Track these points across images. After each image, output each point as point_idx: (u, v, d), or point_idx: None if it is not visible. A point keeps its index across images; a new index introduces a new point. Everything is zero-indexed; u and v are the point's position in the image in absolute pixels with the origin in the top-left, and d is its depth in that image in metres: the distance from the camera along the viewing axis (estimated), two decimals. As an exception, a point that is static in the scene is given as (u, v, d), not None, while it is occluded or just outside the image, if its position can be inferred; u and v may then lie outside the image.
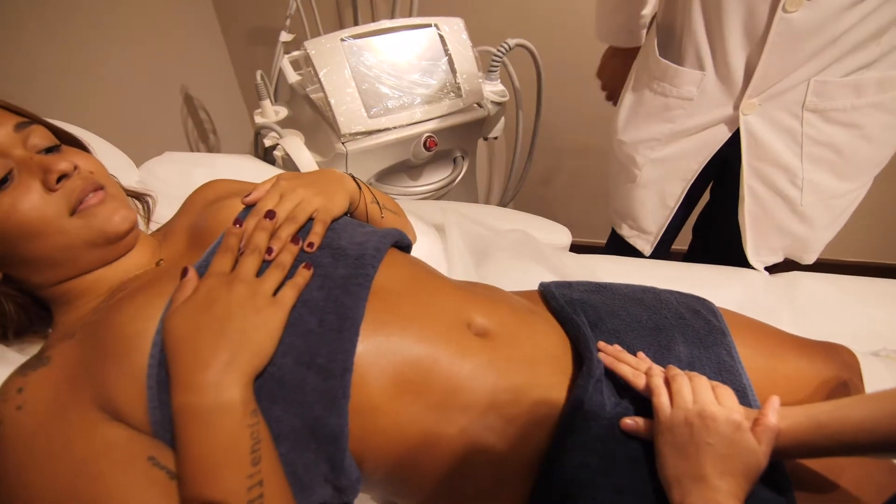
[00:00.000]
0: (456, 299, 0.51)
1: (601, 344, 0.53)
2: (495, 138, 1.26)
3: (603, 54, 1.01)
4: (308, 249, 0.48)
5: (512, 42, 1.11)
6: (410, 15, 1.15)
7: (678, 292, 0.62)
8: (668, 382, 0.47)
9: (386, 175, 1.08)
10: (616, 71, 0.98)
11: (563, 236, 0.94)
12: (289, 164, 0.99)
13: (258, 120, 1.06)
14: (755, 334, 0.60)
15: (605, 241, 1.11)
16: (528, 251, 0.84)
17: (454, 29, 1.02)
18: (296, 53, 1.18)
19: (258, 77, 1.04)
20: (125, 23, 1.14)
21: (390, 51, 0.97)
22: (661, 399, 0.45)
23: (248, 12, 1.47)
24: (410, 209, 0.78)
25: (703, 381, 0.45)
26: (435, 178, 1.13)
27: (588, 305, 0.58)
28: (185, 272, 0.43)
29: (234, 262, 0.44)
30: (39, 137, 0.47)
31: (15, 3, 0.88)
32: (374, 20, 1.16)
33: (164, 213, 0.63)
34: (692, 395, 0.44)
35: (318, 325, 0.42)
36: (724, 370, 0.53)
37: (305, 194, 0.51)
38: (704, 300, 0.62)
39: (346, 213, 0.56)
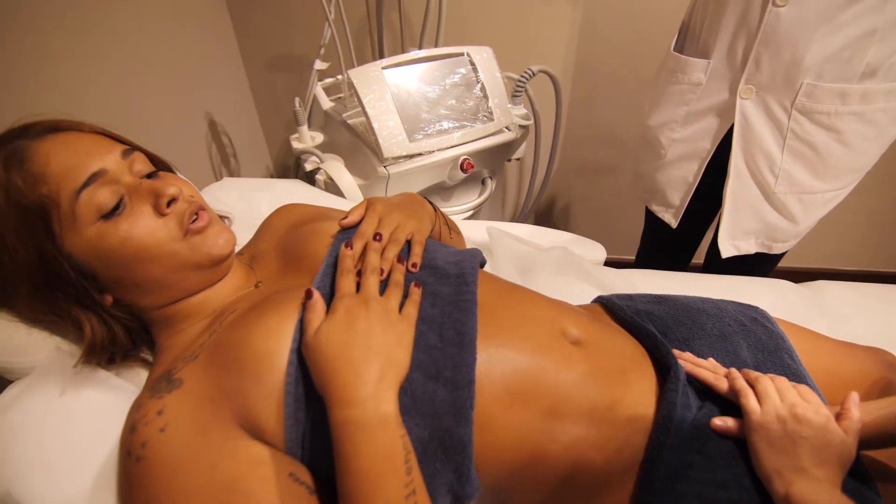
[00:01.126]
0: (546, 309, 0.54)
1: (675, 351, 0.56)
2: (518, 159, 1.31)
3: None
4: (412, 269, 0.50)
5: (535, 68, 1.17)
6: (436, 45, 1.20)
7: (732, 301, 0.66)
8: (750, 384, 0.50)
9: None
10: None
11: (599, 252, 0.98)
12: (331, 187, 1.01)
13: (296, 145, 1.09)
14: (806, 340, 0.64)
15: (621, 255, 1.15)
16: (572, 267, 0.87)
17: (484, 57, 1.07)
18: (328, 80, 1.22)
19: (296, 104, 1.08)
20: (155, 51, 1.16)
21: (427, 78, 1.02)
22: (750, 400, 0.48)
23: (266, 41, 1.50)
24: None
25: (784, 381, 0.49)
26: (466, 198, 1.17)
27: (654, 316, 0.62)
28: (309, 294, 0.45)
29: (356, 282, 0.46)
30: (142, 164, 0.49)
31: (53, 36, 0.90)
32: (402, 49, 1.21)
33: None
34: (778, 394, 0.48)
35: (439, 340, 0.44)
36: (790, 373, 0.57)
37: (401, 218, 0.54)
38: (757, 308, 0.66)
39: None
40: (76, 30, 0.94)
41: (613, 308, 0.64)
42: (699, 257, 1.17)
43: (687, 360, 0.54)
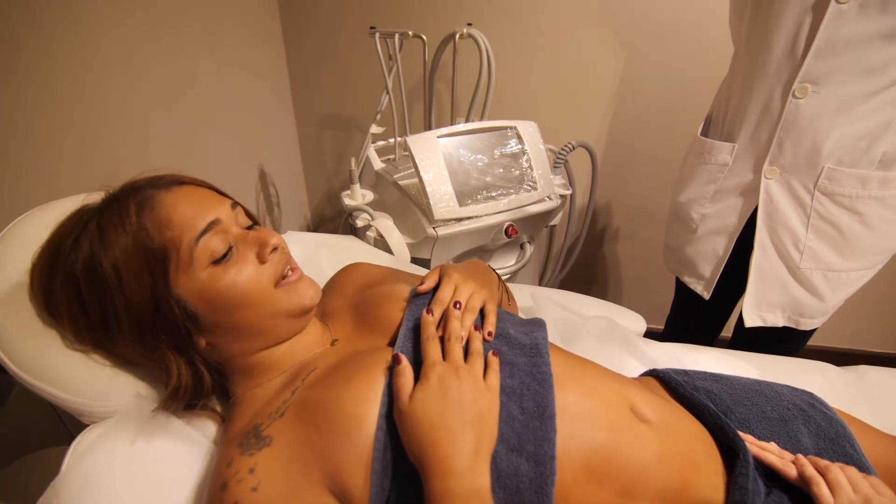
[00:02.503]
0: (613, 383, 0.55)
1: (739, 433, 0.56)
2: (554, 226, 1.35)
3: None
4: (488, 338, 0.52)
5: (575, 143, 1.24)
6: (482, 116, 1.28)
7: (787, 385, 0.67)
8: (819, 472, 0.50)
9: (461, 258, 1.15)
10: None
11: (639, 323, 0.99)
12: (380, 243, 1.06)
13: (348, 202, 1.15)
14: (862, 430, 0.64)
15: (650, 324, 1.16)
16: (616, 337, 0.88)
17: (530, 130, 1.15)
18: (380, 143, 1.30)
19: (352, 164, 1.14)
20: (224, 102, 1.26)
21: (478, 148, 1.08)
22: (823, 489, 0.48)
23: (320, 101, 1.62)
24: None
25: (855, 472, 0.49)
26: (504, 260, 1.21)
27: (713, 394, 0.62)
28: (397, 359, 0.47)
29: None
30: (243, 217, 0.54)
31: (147, 93, 0.99)
32: (451, 118, 1.30)
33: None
34: (850, 485, 0.48)
35: (521, 411, 0.46)
36: (853, 463, 0.56)
37: (474, 286, 0.57)
38: (812, 394, 0.66)
39: None
40: (164, 80, 1.04)
41: (671, 383, 0.65)
42: (727, 330, 1.19)
43: (752, 443, 0.55)
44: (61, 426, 0.75)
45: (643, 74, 1.40)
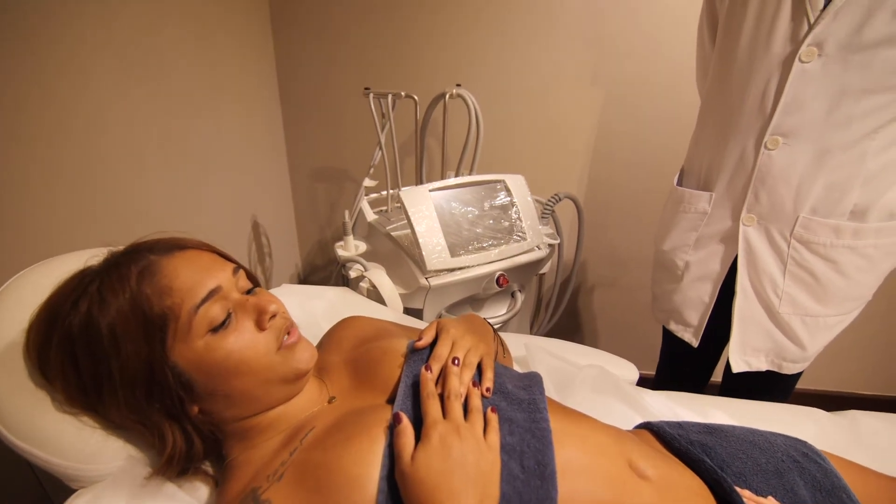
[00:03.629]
0: (610, 437, 0.55)
1: (737, 488, 0.56)
2: (543, 274, 1.38)
3: None
4: (486, 394, 0.53)
5: (562, 194, 1.29)
6: (471, 169, 1.33)
7: (781, 434, 0.67)
8: None
9: (453, 308, 1.16)
10: None
11: (631, 371, 1.00)
12: (373, 294, 1.06)
13: (341, 253, 1.16)
14: (856, 474, 0.64)
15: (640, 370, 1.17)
16: (609, 387, 0.89)
17: (518, 183, 1.19)
18: (373, 196, 1.34)
19: (346, 216, 1.17)
20: (219, 157, 1.29)
21: (468, 200, 1.12)
22: None
23: (314, 154, 1.67)
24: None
25: None
26: (496, 310, 1.22)
27: (708, 448, 0.62)
28: (398, 419, 0.46)
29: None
30: (243, 280, 0.54)
31: (147, 150, 1.02)
32: (442, 171, 1.34)
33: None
34: None
35: (521, 470, 0.45)
36: (850, 515, 0.57)
37: (472, 341, 0.57)
38: (805, 442, 0.67)
39: None
40: (164, 137, 1.07)
41: (666, 437, 0.65)
42: (717, 375, 1.20)
43: (750, 499, 0.55)
44: (39, 489, 0.72)
45: (624, 129, 1.48)
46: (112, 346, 0.44)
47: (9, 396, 0.48)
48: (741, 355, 0.98)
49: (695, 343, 1.06)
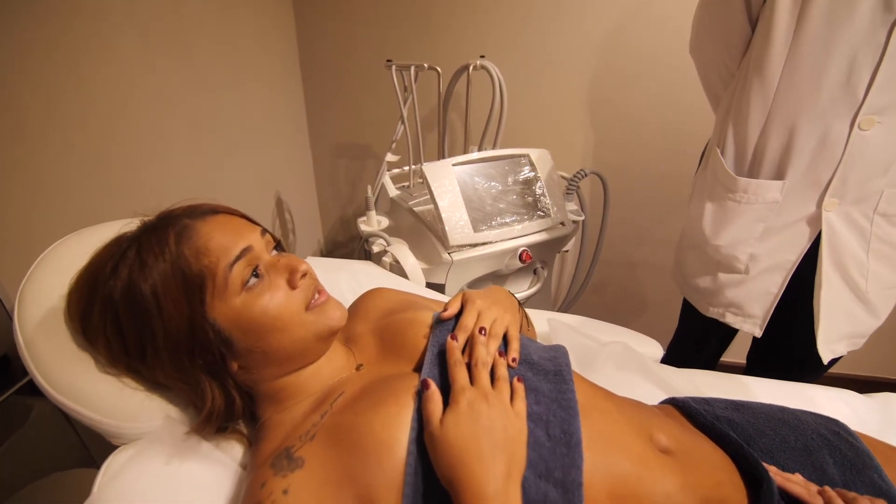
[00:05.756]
0: (634, 413, 0.55)
1: (763, 464, 0.56)
2: (566, 251, 1.36)
3: None
4: (512, 364, 0.53)
5: (587, 170, 1.27)
6: (494, 145, 1.31)
7: (811, 412, 0.66)
8: None
9: (475, 283, 1.15)
10: None
11: (656, 349, 0.99)
12: (395, 269, 1.07)
13: (364, 228, 1.17)
14: (889, 455, 0.63)
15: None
16: (634, 364, 0.88)
17: (544, 158, 1.17)
18: (395, 171, 1.33)
19: (368, 191, 1.17)
20: (245, 135, 1.30)
21: (492, 175, 1.11)
22: None
23: (335, 130, 1.67)
24: (522, 319, 0.84)
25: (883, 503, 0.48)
26: (519, 286, 1.21)
27: (735, 423, 0.62)
28: (426, 385, 0.47)
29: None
30: (272, 243, 0.55)
31: (175, 127, 1.03)
32: (465, 146, 1.33)
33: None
34: None
35: (547, 438, 0.46)
36: (882, 494, 0.55)
37: (498, 312, 0.57)
38: (837, 421, 0.65)
39: None
40: (190, 114, 1.08)
41: (691, 412, 0.64)
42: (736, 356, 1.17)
43: (777, 474, 0.54)
44: (81, 447, 0.76)
45: (653, 103, 1.43)
46: (155, 308, 0.46)
47: (53, 358, 0.51)
48: (828, 345, 0.93)
49: (758, 333, 0.99)
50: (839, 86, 0.75)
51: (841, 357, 0.98)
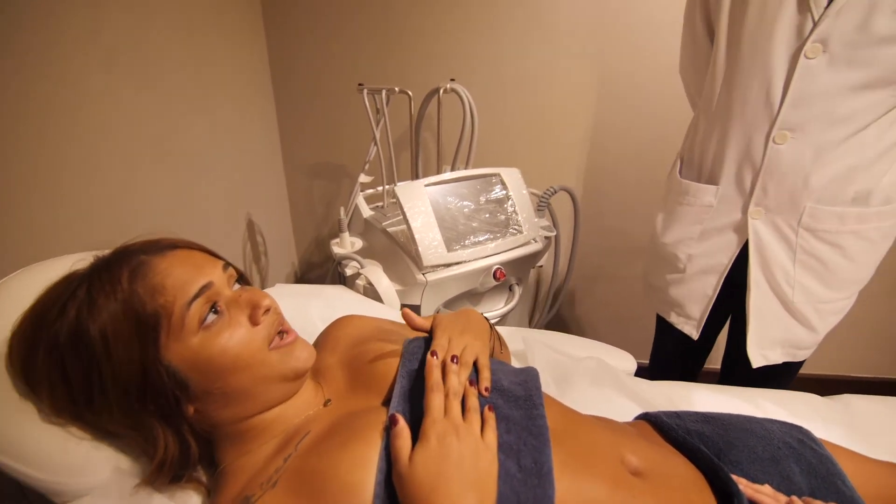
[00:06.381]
0: (606, 435, 0.56)
1: (734, 476, 0.57)
2: (541, 266, 1.38)
3: None
4: (484, 393, 0.53)
5: (557, 187, 1.29)
6: (467, 164, 1.33)
7: (777, 421, 0.68)
8: None
9: (451, 303, 1.16)
10: None
11: (629, 362, 1.01)
12: (369, 291, 1.07)
13: (337, 250, 1.16)
14: (852, 462, 0.65)
15: (638, 359, 1.18)
16: (608, 379, 0.89)
17: (514, 177, 1.19)
18: (369, 191, 1.33)
19: (341, 213, 1.17)
20: (212, 156, 1.28)
21: (464, 195, 1.12)
22: None
23: (309, 150, 1.66)
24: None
25: None
26: (494, 303, 1.22)
27: (705, 437, 0.63)
28: (394, 420, 0.46)
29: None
30: (235, 277, 0.54)
31: (138, 148, 1.01)
32: (438, 166, 1.34)
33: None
34: None
35: (518, 469, 0.45)
36: (846, 500, 0.57)
37: (468, 339, 0.57)
38: (801, 428, 0.67)
39: None
40: (155, 135, 1.06)
41: (663, 427, 0.65)
42: (713, 363, 1.21)
43: (747, 487, 0.55)
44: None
45: (619, 120, 1.47)
46: (104, 351, 0.44)
47: (-8, 410, 0.46)
48: (759, 349, 0.98)
49: (695, 335, 1.06)
50: (760, 102, 0.83)
51: (800, 363, 1.03)
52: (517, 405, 0.52)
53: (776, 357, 0.99)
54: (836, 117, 0.79)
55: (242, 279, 0.56)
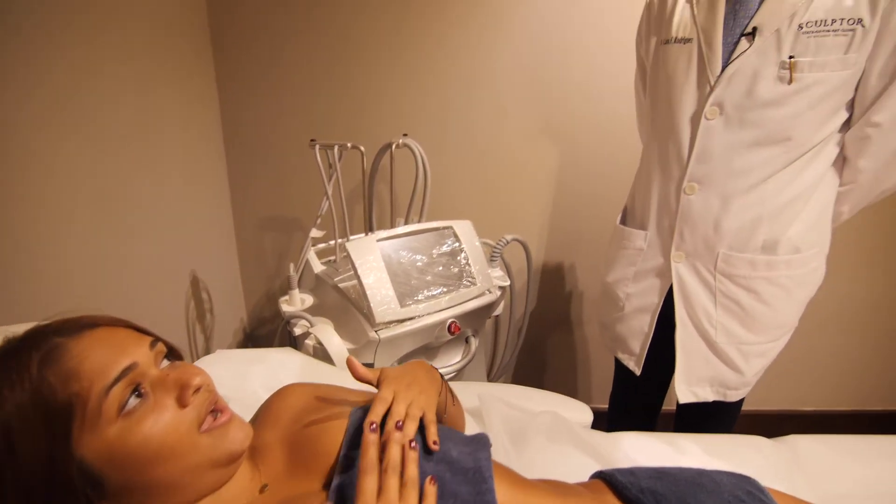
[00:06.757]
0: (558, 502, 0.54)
1: (687, 535, 0.56)
2: (497, 316, 1.39)
3: None
4: (434, 447, 0.50)
5: (509, 237, 1.32)
6: (420, 215, 1.34)
7: (726, 472, 0.69)
8: None
9: (406, 359, 1.13)
10: None
11: (586, 414, 1.00)
12: (319, 351, 1.03)
13: (286, 308, 1.12)
14: None
15: (597, 403, 1.20)
16: (564, 434, 0.88)
17: (466, 229, 1.21)
18: (321, 245, 1.31)
19: (290, 269, 1.14)
20: (157, 213, 1.23)
21: (417, 248, 1.12)
22: None
23: (260, 203, 1.63)
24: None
25: None
26: (451, 357, 1.20)
27: (659, 494, 0.62)
28: None
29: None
30: (164, 354, 0.50)
31: (75, 207, 0.96)
32: (391, 219, 1.35)
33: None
34: None
35: None
36: (795, 553, 0.58)
37: (415, 393, 0.55)
38: (749, 479, 0.68)
39: None
40: (96, 193, 1.01)
41: (618, 486, 0.65)
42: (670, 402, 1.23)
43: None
44: None
45: (570, 170, 1.54)
46: (6, 449, 0.39)
47: None
48: (687, 386, 1.02)
49: (637, 371, 1.10)
50: (673, 157, 0.93)
51: (744, 399, 1.06)
52: (465, 479, 0.50)
53: (705, 395, 1.02)
54: (736, 171, 0.88)
55: (173, 354, 0.52)
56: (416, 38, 1.45)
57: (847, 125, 0.87)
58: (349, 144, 1.20)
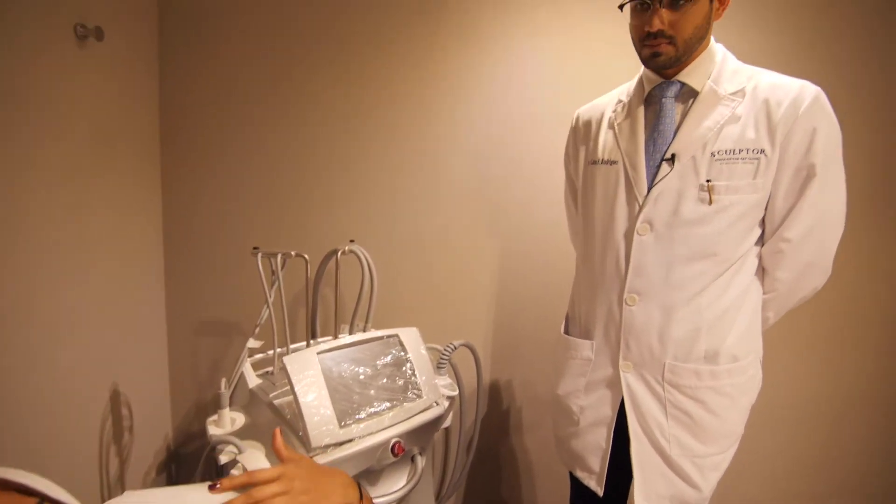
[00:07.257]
0: None
1: None
2: (446, 427, 1.32)
3: None
4: None
5: (457, 343, 1.30)
6: (366, 321, 1.31)
7: None
8: None
9: (346, 482, 1.03)
10: None
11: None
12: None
13: (213, 431, 1.02)
14: None
15: None
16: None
17: (412, 336, 1.18)
18: (258, 356, 1.24)
19: (222, 385, 1.05)
20: (83, 314, 1.13)
21: (360, 360, 1.07)
22: None
23: (196, 307, 1.55)
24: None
25: None
26: (396, 481, 1.10)
27: None
28: None
29: None
30: None
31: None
32: (335, 325, 1.30)
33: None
34: None
35: None
36: None
37: (298, 497, 0.51)
38: None
39: None
40: (18, 303, 0.92)
41: None
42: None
43: None
44: None
45: (516, 275, 1.57)
46: None
47: None
48: (647, 502, 0.97)
49: (599, 491, 1.04)
50: (613, 269, 0.96)
51: None
52: None
53: None
54: (672, 284, 0.91)
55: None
56: (364, 146, 1.51)
57: (762, 240, 0.95)
58: (293, 252, 1.18)
